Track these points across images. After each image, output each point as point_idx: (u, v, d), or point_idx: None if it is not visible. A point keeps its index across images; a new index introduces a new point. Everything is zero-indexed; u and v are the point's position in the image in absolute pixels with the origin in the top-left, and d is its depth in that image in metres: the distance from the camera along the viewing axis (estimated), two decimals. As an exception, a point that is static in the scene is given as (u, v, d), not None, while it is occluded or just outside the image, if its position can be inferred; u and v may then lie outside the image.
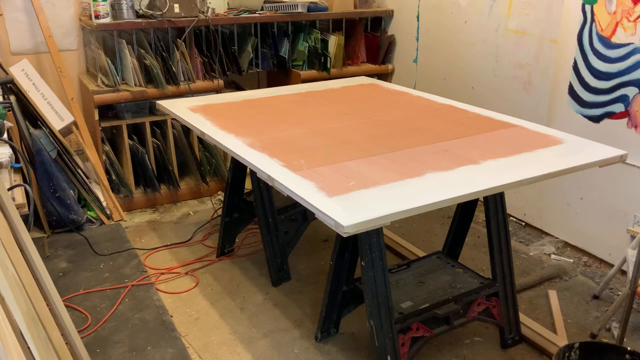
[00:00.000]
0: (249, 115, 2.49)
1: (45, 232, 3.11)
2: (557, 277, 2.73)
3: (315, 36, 3.77)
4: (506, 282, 2.17)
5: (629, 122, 2.55)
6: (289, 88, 3.02)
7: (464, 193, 1.66)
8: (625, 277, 2.59)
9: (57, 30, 3.43)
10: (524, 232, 3.18)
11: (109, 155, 3.39)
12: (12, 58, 3.32)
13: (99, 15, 3.18)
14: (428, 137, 2.15)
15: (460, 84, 3.48)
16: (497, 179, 1.75)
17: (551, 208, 3.05)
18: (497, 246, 2.14)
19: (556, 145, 2.06)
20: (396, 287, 2.14)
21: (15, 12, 3.32)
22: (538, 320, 2.37)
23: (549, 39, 2.89)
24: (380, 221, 1.53)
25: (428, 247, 2.93)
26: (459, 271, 2.27)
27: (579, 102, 2.77)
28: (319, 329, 2.26)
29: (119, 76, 3.29)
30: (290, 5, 3.65)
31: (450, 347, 2.23)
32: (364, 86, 3.05)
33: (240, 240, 3.07)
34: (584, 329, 2.35)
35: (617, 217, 2.68)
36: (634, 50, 2.47)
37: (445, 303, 2.04)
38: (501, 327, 2.21)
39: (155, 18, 3.26)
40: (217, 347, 2.24)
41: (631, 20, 2.47)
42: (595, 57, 2.65)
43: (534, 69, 3.00)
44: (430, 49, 3.70)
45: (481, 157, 1.93)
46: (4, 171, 1.94)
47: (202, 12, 3.40)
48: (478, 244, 3.01)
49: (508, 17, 3.10)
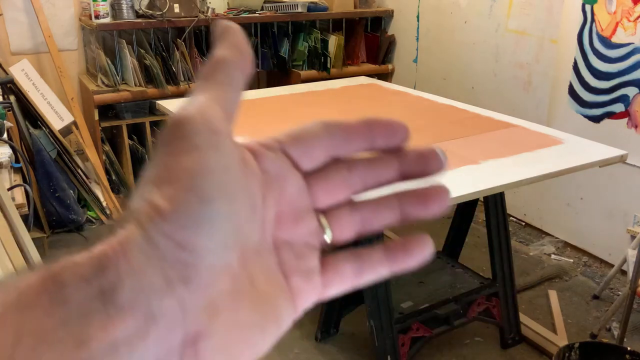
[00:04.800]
0: (249, 115, 2.49)
1: (45, 232, 3.11)
2: (557, 277, 2.73)
3: (315, 36, 3.77)
4: (506, 282, 2.16)
5: (629, 122, 2.55)
6: (289, 88, 3.01)
7: (464, 193, 1.66)
8: (625, 277, 2.59)
9: (57, 30, 3.42)
10: (524, 232, 3.18)
11: (109, 155, 3.38)
12: (12, 58, 3.32)
13: (98, 15, 3.17)
14: (428, 137, 2.15)
15: (460, 84, 3.48)
16: (497, 179, 1.74)
17: (551, 208, 3.05)
18: (497, 246, 2.14)
19: (556, 145, 2.06)
20: (396, 287, 2.14)
21: (15, 12, 3.32)
22: (538, 320, 2.37)
23: (549, 39, 2.89)
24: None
25: (428, 247, 2.93)
26: (459, 271, 2.27)
27: (579, 102, 2.77)
28: (319, 329, 2.26)
29: (119, 76, 3.29)
30: (290, 5, 3.65)
31: (450, 347, 2.23)
32: (364, 86, 3.05)
33: (240, 240, 3.06)
34: (584, 329, 2.34)
35: (617, 217, 2.68)
36: (634, 50, 2.47)
37: (445, 303, 2.04)
38: (501, 327, 2.21)
39: (155, 18, 3.26)
40: (217, 347, 2.24)
41: (631, 20, 2.47)
42: (596, 57, 2.65)
43: (534, 69, 3.00)
44: (430, 49, 3.70)
45: (481, 157, 1.93)
46: (4, 171, 1.94)
47: (202, 12, 3.40)
48: (478, 243, 3.01)
49: (508, 17, 3.10)
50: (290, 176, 0.27)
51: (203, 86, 0.26)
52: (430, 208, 0.29)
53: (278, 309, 0.26)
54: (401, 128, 0.29)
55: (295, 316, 0.27)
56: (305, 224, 0.27)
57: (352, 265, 0.28)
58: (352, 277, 0.28)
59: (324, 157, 0.28)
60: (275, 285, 0.26)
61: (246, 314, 0.24)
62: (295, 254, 0.27)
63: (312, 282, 0.27)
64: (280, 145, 0.28)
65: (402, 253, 0.29)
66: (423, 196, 0.29)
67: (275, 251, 0.26)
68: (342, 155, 0.28)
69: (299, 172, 0.28)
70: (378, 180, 0.29)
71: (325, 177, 0.28)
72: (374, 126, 0.28)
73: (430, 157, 0.29)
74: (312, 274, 0.27)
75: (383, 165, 0.29)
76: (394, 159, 0.29)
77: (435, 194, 0.29)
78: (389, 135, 0.29)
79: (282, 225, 0.27)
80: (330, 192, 0.28)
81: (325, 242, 0.28)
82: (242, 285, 0.24)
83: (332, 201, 0.28)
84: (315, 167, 0.28)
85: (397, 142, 0.29)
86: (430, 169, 0.29)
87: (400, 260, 0.29)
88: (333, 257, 0.28)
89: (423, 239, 0.29)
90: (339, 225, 0.28)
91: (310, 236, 0.28)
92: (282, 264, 0.26)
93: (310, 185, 0.28)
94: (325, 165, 0.28)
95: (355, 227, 0.29)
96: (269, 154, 0.27)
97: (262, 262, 0.25)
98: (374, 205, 0.29)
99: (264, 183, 0.26)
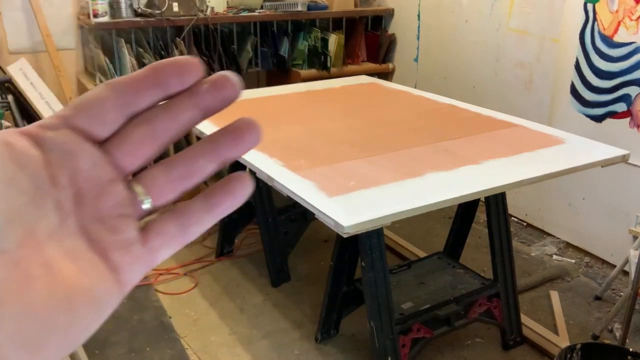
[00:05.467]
0: (249, 114, 2.47)
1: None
2: (558, 277, 2.71)
3: (315, 35, 3.76)
4: (507, 282, 2.15)
5: (631, 121, 2.53)
6: (289, 87, 3.00)
7: (465, 193, 1.65)
8: (627, 278, 2.57)
9: (55, 29, 3.41)
10: (526, 233, 3.16)
11: (107, 155, 3.37)
12: (9, 57, 3.30)
13: (97, 14, 3.16)
14: (428, 137, 2.13)
15: (461, 83, 3.46)
16: (498, 179, 1.73)
17: (553, 208, 3.03)
18: (498, 247, 2.13)
19: (558, 145, 2.04)
20: (397, 287, 2.13)
21: (13, 11, 3.30)
22: (539, 321, 2.36)
23: (550, 38, 2.88)
24: (381, 221, 1.52)
25: (429, 248, 2.91)
26: (459, 272, 2.25)
27: (580, 101, 2.76)
28: (319, 330, 2.25)
29: (117, 75, 3.28)
30: (290, 4, 3.63)
31: (451, 348, 2.21)
32: (364, 85, 3.04)
33: (240, 241, 3.05)
34: (586, 330, 2.33)
35: (619, 217, 2.67)
36: (636, 49, 2.46)
37: (446, 304, 2.03)
38: (502, 328, 2.20)
39: (154, 17, 3.24)
40: (216, 348, 2.23)
41: (633, 19, 2.45)
42: (598, 56, 2.64)
43: (535, 68, 2.99)
44: (431, 48, 3.69)
45: (482, 157, 1.92)
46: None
47: (201, 11, 3.38)
48: (479, 244, 2.99)
49: (509, 16, 3.08)
50: (80, 151, 0.26)
51: None
52: (247, 142, 0.28)
53: (90, 289, 0.25)
54: (192, 64, 0.27)
55: (122, 291, 0.27)
56: (111, 196, 0.26)
57: (175, 223, 0.28)
58: (178, 236, 0.28)
59: (118, 118, 0.27)
60: (86, 265, 0.25)
61: (42, 300, 0.23)
62: (108, 228, 0.26)
63: (133, 253, 0.26)
64: (65, 121, 0.26)
65: (221, 195, 0.28)
66: (235, 132, 0.28)
67: (84, 231, 0.25)
68: (138, 111, 0.27)
69: (91, 144, 0.26)
70: (182, 126, 0.28)
71: (125, 139, 0.27)
72: (161, 70, 0.27)
73: (222, 83, 0.28)
74: (131, 245, 0.26)
75: (181, 107, 0.27)
76: (190, 97, 0.27)
77: (247, 127, 0.29)
78: (181, 75, 0.27)
79: (86, 203, 0.26)
80: (134, 153, 0.27)
81: (145, 209, 0.27)
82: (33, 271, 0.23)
83: (141, 161, 0.27)
84: (113, 131, 0.27)
85: (191, 80, 0.27)
86: (228, 96, 0.28)
87: (222, 203, 0.28)
88: (153, 221, 0.28)
89: (239, 176, 0.29)
90: (157, 189, 0.28)
91: (123, 207, 0.27)
92: (95, 243, 0.26)
93: (111, 152, 0.27)
94: (123, 127, 0.27)
95: (175, 186, 0.28)
96: (49, 134, 0.25)
97: (64, 245, 0.25)
98: (188, 158, 0.28)
99: (50, 164, 0.25)
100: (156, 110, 0.27)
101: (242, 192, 0.29)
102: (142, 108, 0.27)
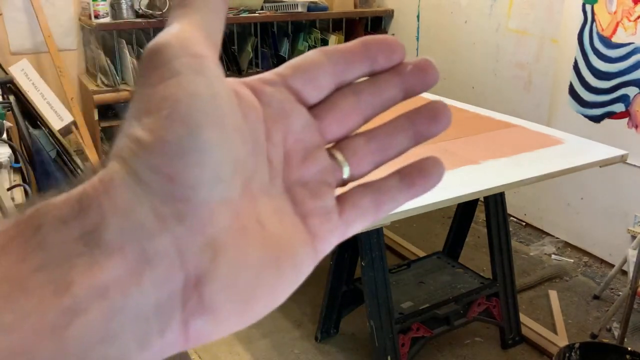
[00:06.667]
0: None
1: (44, 232, 3.10)
2: (557, 277, 2.72)
3: (315, 36, 3.77)
4: (506, 282, 2.16)
5: (630, 122, 2.54)
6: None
7: (464, 193, 1.66)
8: (625, 278, 2.58)
9: (56, 30, 3.42)
10: (525, 232, 3.17)
11: (108, 155, 3.38)
12: (11, 58, 3.32)
13: (98, 15, 3.17)
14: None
15: (460, 83, 3.48)
16: (497, 179, 1.74)
17: (551, 208, 3.04)
18: (497, 246, 2.14)
19: (556, 145, 2.05)
20: (396, 287, 2.14)
21: (15, 12, 3.32)
22: (538, 320, 2.37)
23: (549, 38, 2.89)
24: (381, 221, 1.53)
25: (428, 247, 2.92)
26: (459, 271, 2.26)
27: (579, 102, 2.77)
28: (319, 329, 2.26)
29: (118, 76, 3.29)
30: (290, 4, 3.64)
31: (450, 347, 2.22)
32: (364, 86, 3.04)
33: (240, 240, 3.06)
34: (585, 329, 2.34)
35: (618, 217, 2.68)
36: (634, 49, 2.47)
37: (445, 303, 2.04)
38: (501, 327, 2.21)
39: (155, 18, 3.25)
40: (216, 347, 2.24)
41: (632, 20, 2.46)
42: (596, 56, 2.65)
43: (534, 68, 3.00)
44: (430, 49, 3.70)
45: (481, 157, 1.93)
46: (4, 171, 1.94)
47: (202, 12, 3.39)
48: (478, 244, 3.00)
49: (508, 17, 3.10)
50: (295, 111, 0.26)
51: (179, 13, 0.24)
52: (441, 122, 0.29)
53: (294, 251, 0.24)
54: (398, 44, 0.28)
55: (316, 259, 0.26)
56: (317, 161, 0.26)
57: (370, 197, 0.27)
58: (372, 211, 0.27)
59: (330, 85, 0.26)
60: (290, 227, 0.24)
61: (256, 254, 0.22)
62: (310, 193, 0.25)
63: (331, 221, 0.26)
64: (282, 79, 0.26)
65: (417, 175, 0.28)
66: (431, 111, 0.28)
67: (288, 193, 0.25)
68: (347, 81, 0.27)
69: (304, 107, 0.26)
70: (385, 102, 0.28)
71: (333, 106, 0.27)
72: (371, 45, 0.27)
73: (426, 67, 0.28)
74: (330, 213, 0.26)
75: (386, 84, 0.27)
76: (395, 76, 0.28)
77: (442, 109, 0.29)
78: (390, 53, 0.27)
79: (293, 165, 0.25)
80: (341, 121, 0.27)
81: (342, 178, 0.27)
82: (249, 224, 0.22)
83: (345, 131, 0.27)
84: (322, 98, 0.27)
85: (397, 59, 0.27)
86: (429, 80, 0.28)
87: (417, 184, 0.28)
88: (349, 192, 0.27)
89: (434, 159, 0.29)
90: (356, 159, 0.27)
91: (325, 173, 0.26)
92: (297, 206, 0.25)
93: (319, 117, 0.26)
94: (330, 95, 0.27)
95: (373, 158, 0.28)
96: (269, 89, 0.25)
97: (273, 203, 0.24)
98: (388, 130, 0.28)
99: (267, 118, 0.25)
100: (363, 83, 0.27)
101: (437, 174, 0.28)
102: (350, 79, 0.27)
